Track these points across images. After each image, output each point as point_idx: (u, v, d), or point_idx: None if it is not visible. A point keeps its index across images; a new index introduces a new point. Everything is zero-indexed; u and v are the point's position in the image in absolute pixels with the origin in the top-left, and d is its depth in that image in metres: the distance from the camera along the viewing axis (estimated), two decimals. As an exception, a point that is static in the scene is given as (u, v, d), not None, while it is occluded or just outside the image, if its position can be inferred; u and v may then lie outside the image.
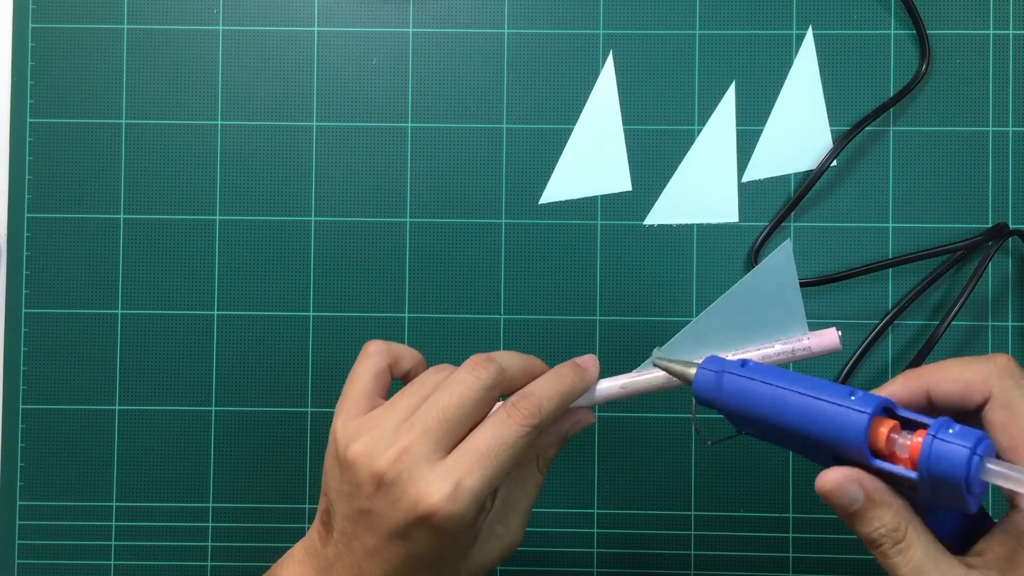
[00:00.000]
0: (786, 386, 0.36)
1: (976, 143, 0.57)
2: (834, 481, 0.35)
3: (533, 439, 0.40)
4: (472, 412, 0.40)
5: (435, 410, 0.39)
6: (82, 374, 0.58)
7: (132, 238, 0.58)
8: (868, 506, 0.35)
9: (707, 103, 0.58)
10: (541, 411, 0.40)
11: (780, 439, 0.37)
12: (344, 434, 0.40)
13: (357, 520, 0.39)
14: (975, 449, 0.32)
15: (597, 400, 0.44)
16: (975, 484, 0.32)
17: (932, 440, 0.33)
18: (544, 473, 0.44)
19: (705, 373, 0.38)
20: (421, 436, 0.39)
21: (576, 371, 0.43)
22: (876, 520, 0.35)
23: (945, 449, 0.32)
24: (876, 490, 0.35)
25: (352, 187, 0.58)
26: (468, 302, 0.57)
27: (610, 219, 0.57)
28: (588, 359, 0.44)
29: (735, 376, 0.37)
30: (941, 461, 0.32)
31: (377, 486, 0.38)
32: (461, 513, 0.38)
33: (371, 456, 0.39)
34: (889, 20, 0.57)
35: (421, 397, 0.41)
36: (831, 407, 0.34)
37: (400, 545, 0.39)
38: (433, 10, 0.58)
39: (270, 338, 0.58)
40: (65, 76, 0.58)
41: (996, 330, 0.57)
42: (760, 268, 0.41)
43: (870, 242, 0.57)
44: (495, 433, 0.39)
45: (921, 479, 0.33)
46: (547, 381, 0.42)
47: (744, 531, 0.57)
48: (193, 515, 0.58)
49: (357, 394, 0.42)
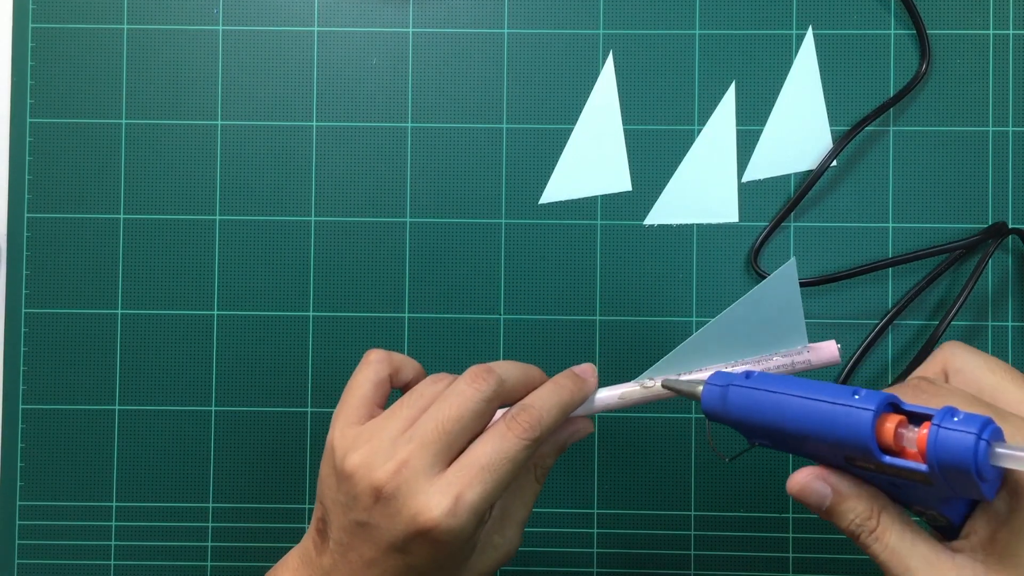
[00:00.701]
0: (790, 392, 0.36)
1: (976, 143, 0.57)
2: (800, 482, 0.36)
3: (533, 451, 0.40)
4: (471, 424, 0.40)
5: (434, 422, 0.39)
6: (82, 374, 0.58)
7: (132, 238, 0.58)
8: (837, 500, 0.36)
9: (707, 103, 0.58)
10: (541, 424, 0.40)
11: (792, 446, 0.37)
12: (342, 443, 0.40)
13: (354, 532, 0.39)
14: (980, 434, 0.32)
15: (596, 409, 0.44)
16: (985, 470, 0.32)
17: (937, 430, 0.33)
18: (542, 483, 0.44)
19: (711, 388, 0.38)
20: (420, 449, 0.38)
21: (575, 381, 0.43)
22: (849, 512, 0.35)
23: (950, 437, 0.32)
24: (842, 484, 0.36)
25: (352, 187, 0.58)
26: (468, 302, 0.57)
27: (610, 219, 0.57)
28: (586, 368, 0.44)
29: (740, 388, 0.37)
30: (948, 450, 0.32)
31: (375, 499, 0.38)
32: (460, 527, 0.38)
33: (369, 468, 0.38)
34: (889, 20, 0.57)
35: (420, 408, 0.40)
36: (836, 408, 0.35)
37: (398, 558, 0.38)
38: (433, 10, 0.58)
39: (270, 338, 0.58)
40: (65, 76, 0.58)
41: (996, 330, 0.57)
42: (765, 283, 0.41)
43: (870, 242, 0.57)
44: (495, 447, 0.39)
45: (931, 470, 0.33)
46: (546, 393, 0.42)
47: (744, 531, 0.57)
48: (193, 515, 0.58)
49: (356, 402, 0.42)
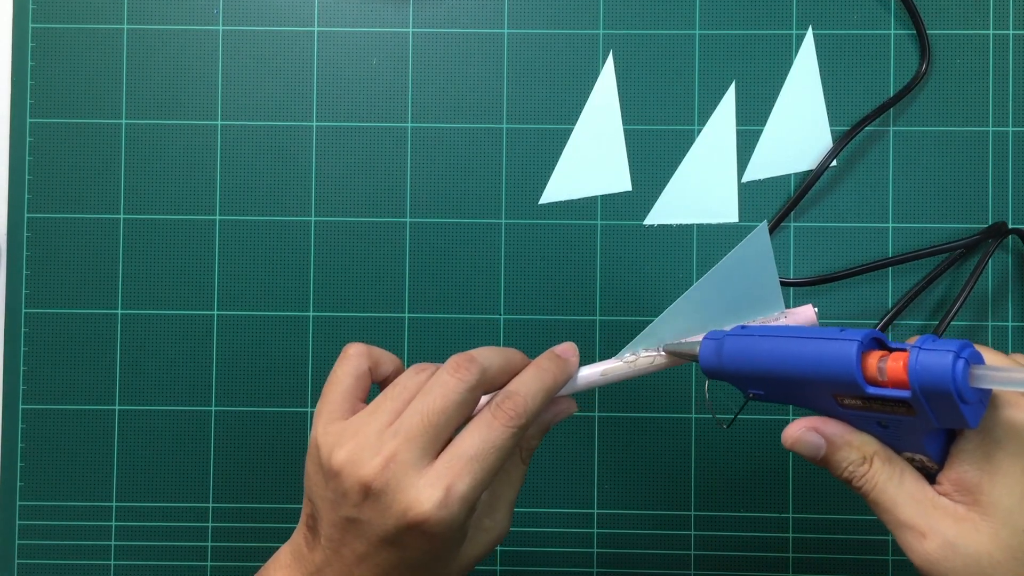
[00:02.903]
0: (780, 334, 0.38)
1: (976, 143, 0.57)
2: (793, 435, 0.38)
3: (520, 438, 0.40)
4: (456, 415, 0.39)
5: (419, 415, 0.39)
6: (82, 374, 0.58)
7: (132, 238, 0.58)
8: (831, 450, 0.38)
9: (707, 103, 0.58)
10: (527, 410, 0.40)
11: (784, 393, 0.38)
12: (326, 440, 0.40)
13: (345, 528, 0.39)
14: (959, 353, 0.33)
15: (579, 388, 0.44)
16: (965, 391, 0.33)
17: (918, 352, 0.33)
18: (527, 463, 0.44)
19: (708, 343, 0.40)
20: (406, 443, 0.38)
21: (557, 363, 0.43)
22: (843, 460, 0.37)
23: (930, 358, 0.33)
24: (835, 433, 0.37)
25: (352, 187, 0.58)
26: (468, 302, 0.57)
27: (610, 219, 0.57)
28: (567, 348, 0.44)
29: (735, 338, 0.39)
30: (928, 370, 0.33)
31: (365, 495, 0.38)
32: (452, 518, 0.38)
33: (356, 464, 0.38)
34: (889, 20, 0.57)
35: (403, 401, 0.40)
36: (823, 343, 0.36)
37: (391, 551, 0.38)
38: (433, 10, 0.58)
39: (270, 338, 0.58)
40: (65, 76, 0.58)
41: (996, 330, 0.57)
42: (737, 249, 0.41)
43: (870, 242, 0.57)
44: (482, 436, 0.39)
45: (914, 396, 0.33)
46: (529, 378, 0.42)
47: (744, 531, 0.57)
48: (193, 515, 0.58)
49: (338, 397, 0.41)
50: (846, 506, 0.57)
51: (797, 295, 0.57)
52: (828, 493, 0.57)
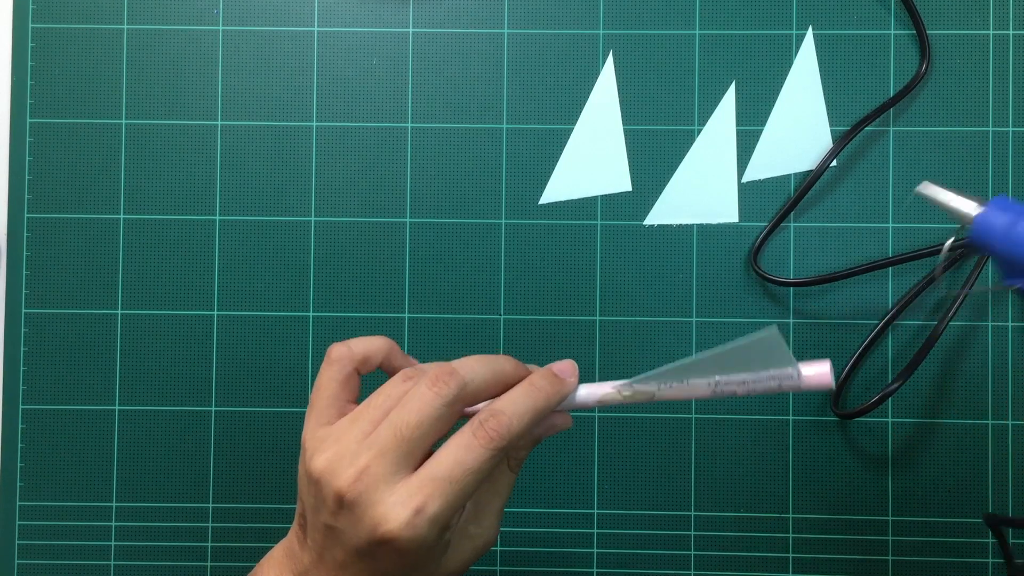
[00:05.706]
0: None
1: (976, 143, 0.57)
2: None
3: (500, 458, 0.39)
4: (432, 430, 0.38)
5: (393, 429, 0.38)
6: (82, 374, 0.58)
7: (132, 238, 0.58)
8: None
9: (707, 103, 0.58)
10: (510, 431, 0.39)
11: None
12: (311, 445, 0.40)
13: (326, 534, 0.39)
14: None
15: (575, 407, 0.42)
16: None
17: None
18: (517, 472, 0.43)
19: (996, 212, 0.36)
20: (379, 457, 0.38)
21: (552, 383, 0.41)
22: None
23: None
24: None
25: (352, 187, 0.58)
26: (468, 302, 0.57)
27: (610, 219, 0.57)
28: (566, 367, 0.42)
29: None
30: None
31: (339, 505, 0.38)
32: (421, 538, 0.37)
33: (333, 474, 0.38)
34: (889, 20, 0.57)
35: (384, 410, 0.39)
36: None
37: (368, 562, 0.38)
38: (433, 10, 0.58)
39: (270, 338, 0.58)
40: (65, 76, 0.58)
41: (996, 330, 0.57)
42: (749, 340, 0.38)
43: (870, 242, 0.57)
44: (458, 457, 0.38)
45: None
46: (519, 396, 0.40)
47: (744, 531, 0.57)
48: (193, 515, 0.58)
49: (323, 404, 0.41)
50: (846, 506, 0.57)
51: (797, 295, 0.57)
52: (828, 493, 0.57)
